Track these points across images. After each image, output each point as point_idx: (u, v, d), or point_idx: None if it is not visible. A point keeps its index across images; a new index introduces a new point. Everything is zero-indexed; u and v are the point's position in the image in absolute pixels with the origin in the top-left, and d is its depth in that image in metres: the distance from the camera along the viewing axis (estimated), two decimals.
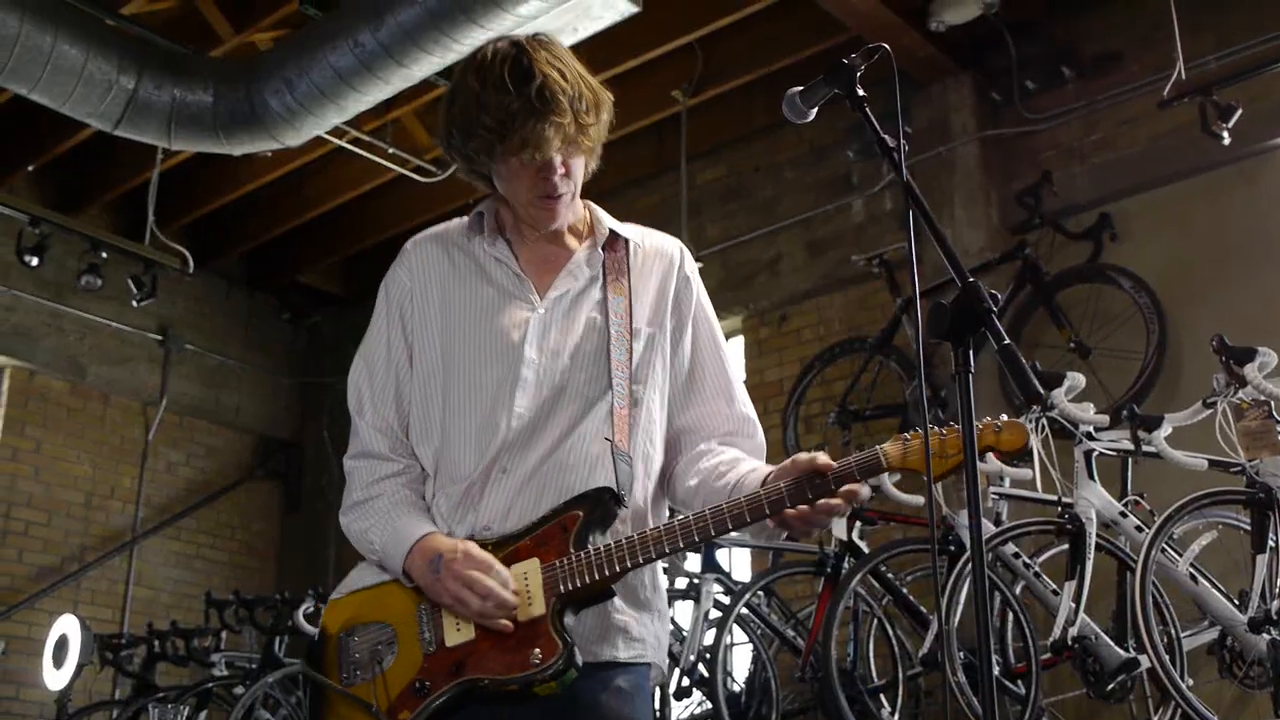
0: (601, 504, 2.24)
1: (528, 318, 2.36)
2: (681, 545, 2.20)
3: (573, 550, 2.21)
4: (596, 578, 2.19)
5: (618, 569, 2.19)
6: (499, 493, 2.29)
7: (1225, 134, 6.24)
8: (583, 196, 2.48)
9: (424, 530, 2.31)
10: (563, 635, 2.17)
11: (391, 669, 2.25)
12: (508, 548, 2.25)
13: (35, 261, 8.42)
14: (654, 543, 2.20)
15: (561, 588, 2.19)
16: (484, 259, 2.44)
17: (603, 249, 2.45)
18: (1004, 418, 2.18)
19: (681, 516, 2.23)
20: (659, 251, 2.50)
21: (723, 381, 2.47)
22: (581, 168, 2.36)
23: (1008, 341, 1.87)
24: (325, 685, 2.30)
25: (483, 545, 2.25)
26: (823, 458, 2.20)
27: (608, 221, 2.49)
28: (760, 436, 2.47)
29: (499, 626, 2.20)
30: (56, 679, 7.44)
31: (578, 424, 2.31)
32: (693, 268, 2.53)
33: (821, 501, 2.18)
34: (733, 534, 2.29)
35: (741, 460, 2.37)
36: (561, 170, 2.31)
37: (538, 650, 2.16)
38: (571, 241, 2.46)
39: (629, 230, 2.51)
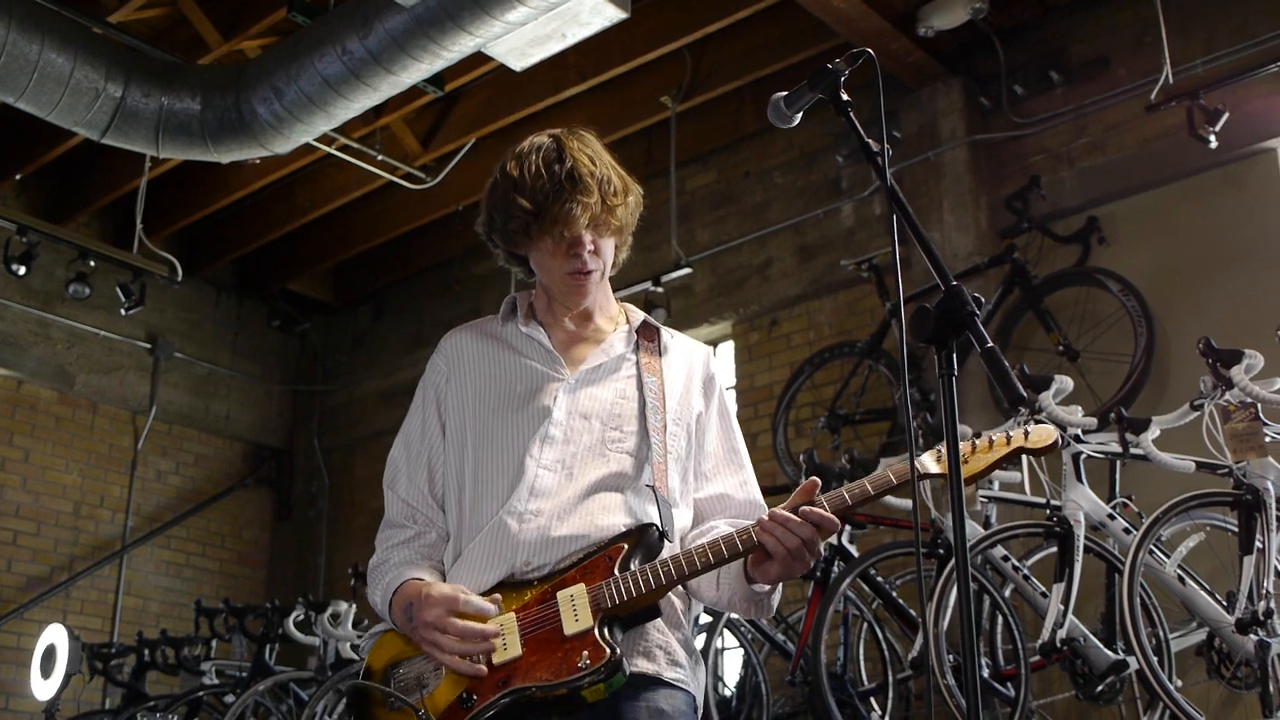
0: (647, 537, 2.33)
1: (558, 385, 2.50)
2: (727, 556, 2.28)
3: (617, 573, 2.29)
4: (642, 590, 2.26)
5: (663, 582, 2.27)
6: (533, 534, 2.36)
7: (1212, 138, 6.26)
8: None
9: (403, 579, 2.41)
10: (610, 642, 2.23)
11: (438, 689, 2.31)
12: (553, 580, 2.33)
13: (23, 270, 8.41)
14: (699, 557, 2.28)
15: (607, 604, 2.26)
16: (517, 340, 2.59)
17: (636, 334, 2.61)
18: (1033, 424, 2.33)
19: (725, 534, 2.31)
20: (689, 349, 2.66)
21: (738, 469, 2.58)
22: (611, 249, 2.53)
23: (991, 345, 1.87)
24: (373, 688, 2.35)
25: (527, 582, 2.33)
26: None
27: (641, 314, 2.67)
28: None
29: (472, 670, 2.26)
30: (45, 689, 7.42)
31: (612, 473, 2.42)
32: (718, 369, 2.68)
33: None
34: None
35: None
36: (591, 248, 2.47)
37: (586, 654, 2.21)
38: (605, 325, 2.63)
39: (662, 326, 2.68)
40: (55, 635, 7.50)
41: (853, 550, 5.51)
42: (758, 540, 2.26)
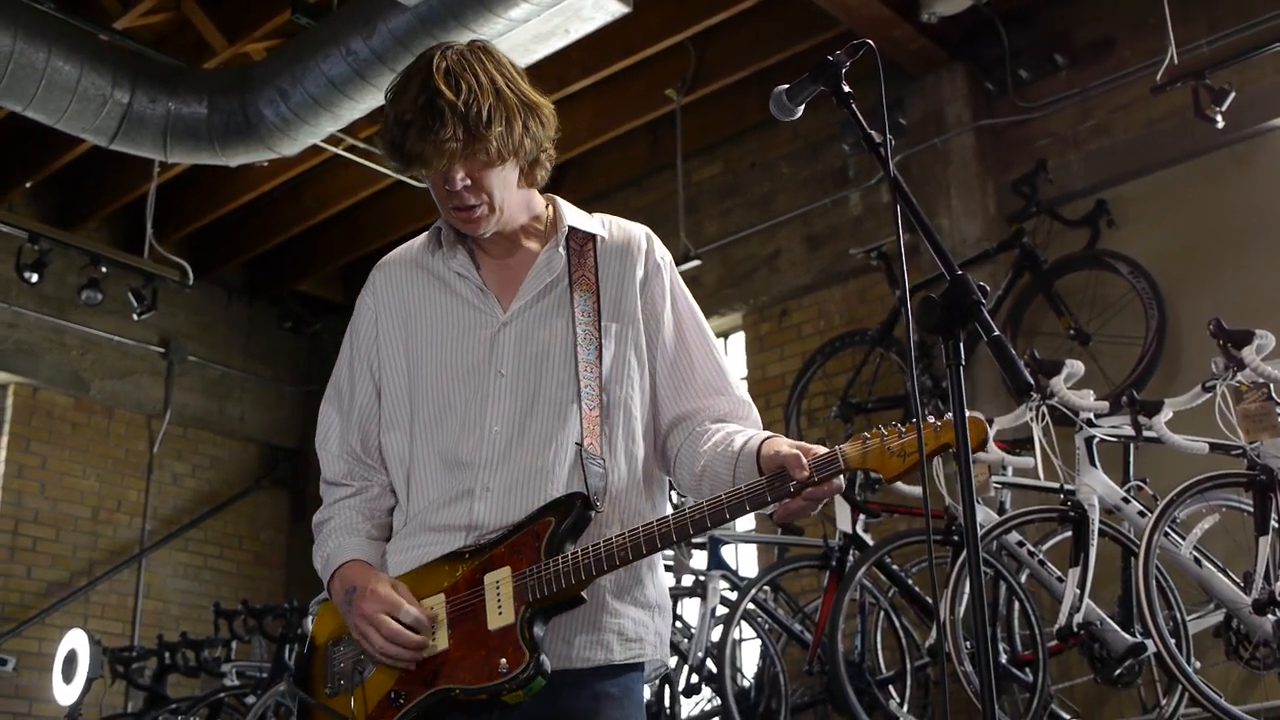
0: (573, 510, 2.23)
1: (493, 333, 2.36)
2: (645, 551, 2.19)
3: (544, 558, 2.20)
4: (564, 585, 2.17)
5: (583, 576, 2.18)
6: (488, 509, 2.28)
7: (1219, 118, 6.23)
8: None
9: (347, 557, 2.36)
10: (531, 644, 2.16)
11: (371, 680, 2.28)
12: (483, 556, 2.25)
13: (35, 278, 8.43)
14: (619, 550, 2.18)
15: (530, 596, 2.18)
16: (446, 274, 2.43)
17: (565, 248, 2.41)
18: (947, 417, 2.08)
19: (646, 523, 2.21)
20: (626, 242, 2.46)
21: (712, 368, 2.44)
22: (498, 178, 2.30)
23: (997, 333, 1.88)
24: (304, 700, 2.35)
25: (459, 556, 2.26)
26: (790, 456, 2.15)
27: (570, 218, 2.45)
28: (756, 418, 2.44)
29: (403, 666, 2.24)
30: (67, 694, 7.46)
31: (552, 431, 2.29)
32: (664, 254, 2.49)
33: (801, 496, 2.15)
34: (734, 526, 2.31)
35: (736, 434, 2.33)
36: (466, 182, 2.28)
37: (504, 660, 2.17)
38: (532, 244, 2.43)
39: (593, 223, 2.47)
40: (76, 640, 7.53)
41: (868, 539, 5.52)
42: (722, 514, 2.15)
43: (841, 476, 2.15)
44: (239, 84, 6.67)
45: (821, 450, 2.15)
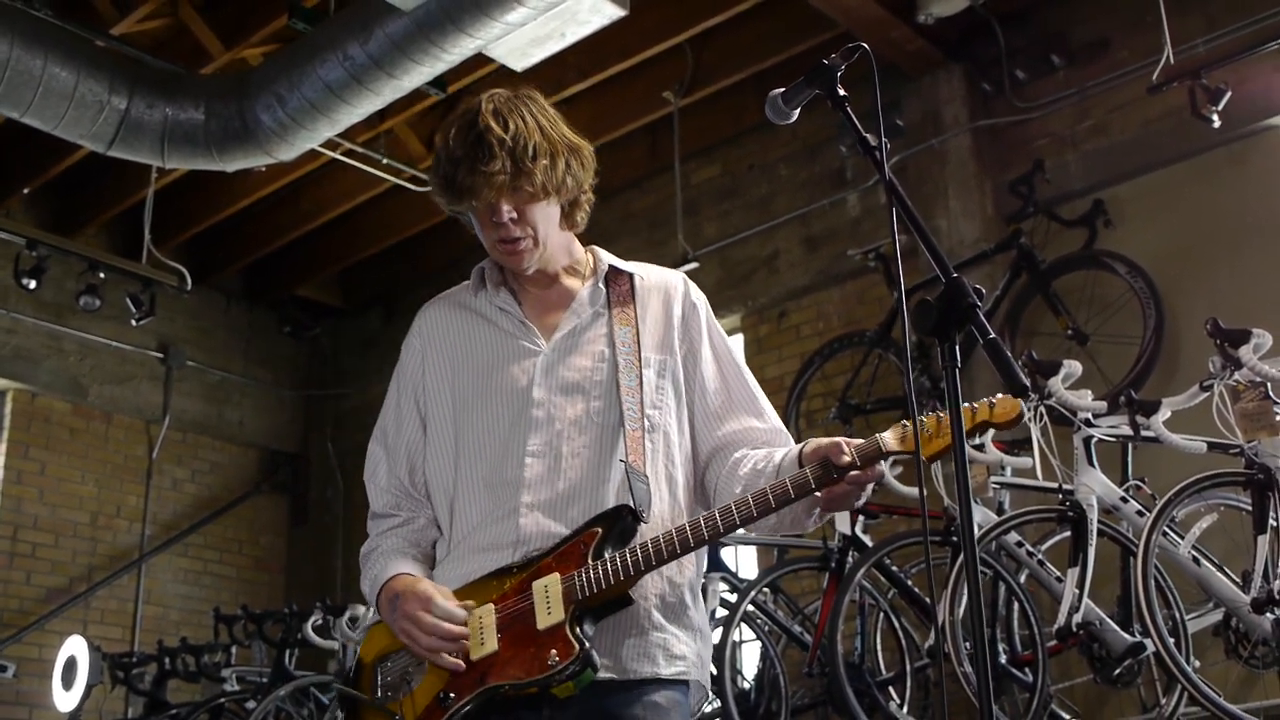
0: (620, 521, 2.31)
1: (534, 362, 2.46)
2: (692, 545, 2.27)
3: (590, 561, 2.28)
4: (611, 582, 2.25)
5: (631, 573, 2.25)
6: (532, 525, 2.35)
7: (1215, 117, 6.24)
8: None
9: (394, 572, 2.42)
10: (579, 637, 2.23)
11: (420, 687, 2.34)
12: (531, 568, 2.32)
13: (33, 284, 8.43)
14: (665, 545, 2.26)
15: (579, 595, 2.25)
16: (489, 310, 2.55)
17: (605, 284, 2.54)
18: (998, 396, 2.25)
19: (692, 520, 2.29)
20: (662, 283, 2.58)
21: (749, 400, 2.54)
22: (541, 213, 2.44)
23: (993, 336, 1.88)
24: (356, 698, 2.40)
25: (507, 570, 2.34)
26: (831, 445, 2.26)
27: (608, 259, 2.59)
28: (792, 444, 2.50)
29: (449, 664, 2.29)
30: (66, 700, 7.46)
31: (598, 450, 2.40)
32: (699, 296, 2.61)
33: (845, 480, 2.24)
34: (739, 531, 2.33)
35: (775, 452, 2.43)
36: (512, 215, 2.41)
37: (554, 652, 2.22)
38: (572, 282, 2.56)
39: (632, 266, 2.60)
40: (75, 647, 7.54)
41: (867, 540, 5.52)
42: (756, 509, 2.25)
43: (883, 463, 2.26)
44: (236, 89, 6.68)
45: (860, 440, 2.26)
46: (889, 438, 2.24)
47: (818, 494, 2.25)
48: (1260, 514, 4.49)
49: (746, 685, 6.00)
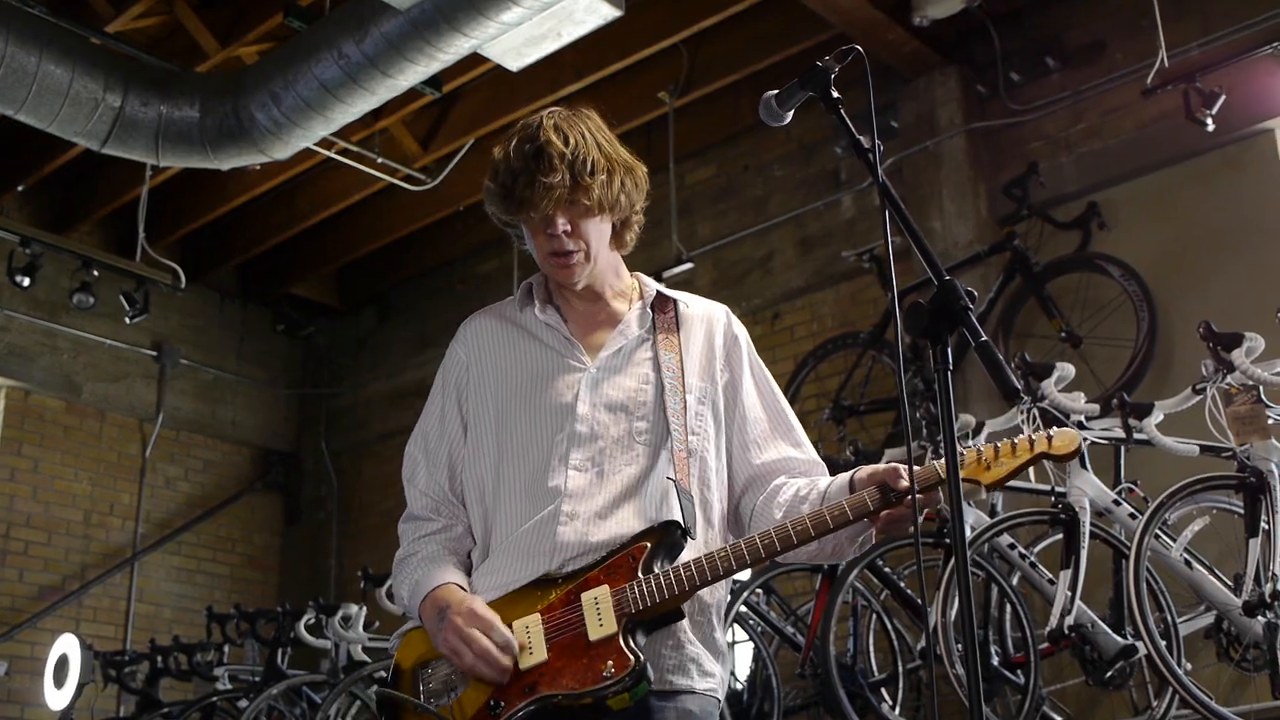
0: (669, 535, 2.33)
1: (579, 377, 2.48)
2: (748, 561, 2.29)
3: (640, 575, 2.29)
4: (666, 596, 2.26)
5: (686, 588, 2.27)
6: (572, 535, 2.36)
7: (1209, 120, 6.25)
8: None
9: (440, 581, 2.42)
10: (634, 650, 2.23)
11: (465, 694, 2.32)
12: (577, 579, 2.33)
13: (27, 282, 8.42)
14: (721, 561, 2.28)
15: (632, 609, 2.26)
16: (535, 326, 2.56)
17: (651, 309, 2.58)
18: (1055, 429, 2.34)
19: (748, 536, 2.32)
20: (706, 314, 2.62)
21: (789, 429, 2.58)
22: (595, 229, 2.48)
23: (984, 338, 1.89)
24: (402, 700, 2.37)
25: (552, 580, 2.34)
26: (888, 470, 2.30)
27: (655, 285, 2.63)
28: (827, 475, 2.55)
29: (493, 677, 2.28)
30: (58, 699, 7.46)
31: (643, 467, 2.42)
32: (740, 329, 2.65)
33: (904, 504, 2.28)
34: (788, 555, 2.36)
35: (819, 480, 2.48)
36: (566, 228, 2.44)
37: (610, 663, 2.22)
38: (619, 305, 2.59)
39: (676, 294, 2.63)
40: (67, 645, 7.54)
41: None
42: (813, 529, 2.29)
43: (939, 489, 2.30)
44: (231, 87, 6.67)
45: (918, 468, 2.28)
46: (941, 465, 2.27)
47: (870, 519, 2.29)
48: (1252, 517, 4.50)
49: (739, 686, 6.01)
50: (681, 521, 2.34)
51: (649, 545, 2.31)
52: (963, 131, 7.32)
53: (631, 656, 2.22)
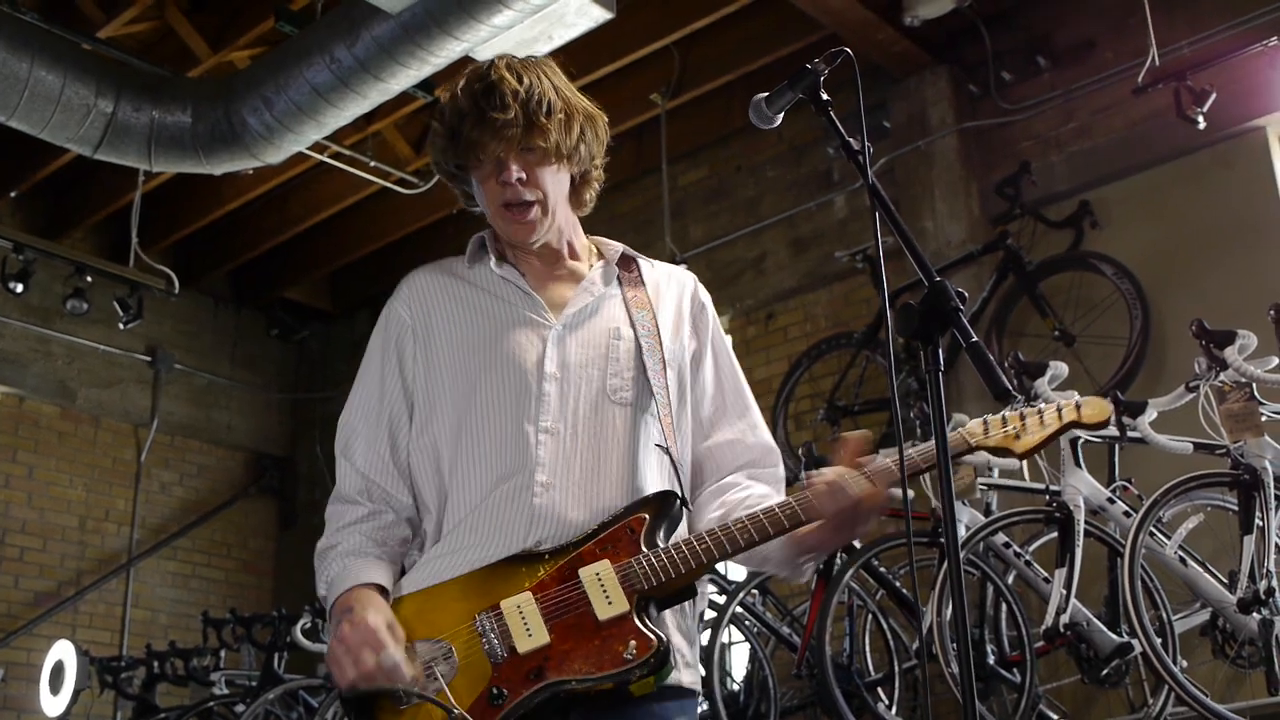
0: (668, 505, 2.16)
1: (544, 334, 2.26)
2: (771, 533, 2.11)
3: (645, 549, 2.09)
4: (683, 571, 2.08)
5: (704, 561, 2.09)
6: (548, 507, 2.15)
7: (1200, 118, 6.27)
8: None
9: (352, 583, 2.18)
10: (653, 629, 2.04)
11: (455, 681, 2.06)
12: (569, 554, 2.12)
13: (20, 288, 8.42)
14: (740, 533, 2.10)
15: (644, 584, 2.07)
16: (489, 282, 2.33)
17: (616, 266, 2.38)
18: (1084, 398, 2.31)
19: (767, 508, 2.14)
20: (671, 277, 2.43)
21: (745, 410, 2.39)
22: (552, 177, 2.25)
23: (975, 339, 1.89)
24: (406, 693, 2.06)
25: (538, 555, 2.12)
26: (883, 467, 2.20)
27: (617, 246, 2.43)
28: (781, 470, 2.39)
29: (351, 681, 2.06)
30: (54, 705, 7.46)
31: (618, 431, 2.21)
32: (706, 296, 2.45)
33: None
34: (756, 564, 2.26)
35: (771, 496, 2.27)
36: (520, 175, 2.22)
37: (633, 644, 2.02)
38: (578, 264, 2.37)
39: (641, 256, 2.45)
40: (62, 651, 7.53)
41: (855, 541, 5.53)
42: (804, 514, 2.12)
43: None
44: (223, 92, 6.67)
45: (954, 435, 2.22)
46: (975, 427, 2.25)
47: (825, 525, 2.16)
48: (1246, 514, 4.51)
49: (735, 687, 6.01)
50: (679, 491, 2.18)
51: (647, 517, 2.12)
52: (954, 131, 7.33)
53: (653, 637, 2.02)
